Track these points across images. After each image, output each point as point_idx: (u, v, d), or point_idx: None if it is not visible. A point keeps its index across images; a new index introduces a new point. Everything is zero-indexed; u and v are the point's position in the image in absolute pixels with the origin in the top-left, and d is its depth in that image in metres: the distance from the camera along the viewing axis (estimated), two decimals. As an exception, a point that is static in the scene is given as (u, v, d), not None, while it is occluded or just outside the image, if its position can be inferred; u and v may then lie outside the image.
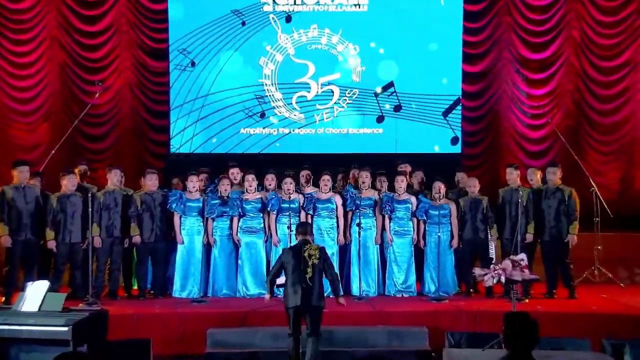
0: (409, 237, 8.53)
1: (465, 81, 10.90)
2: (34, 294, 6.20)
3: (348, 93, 10.85)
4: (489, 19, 11.00)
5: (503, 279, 6.73)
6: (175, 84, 10.82)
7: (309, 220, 8.32)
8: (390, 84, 10.76)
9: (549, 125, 10.77)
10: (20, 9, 10.80)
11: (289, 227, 8.13)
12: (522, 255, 6.96)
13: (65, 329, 5.81)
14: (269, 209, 8.48)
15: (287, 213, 8.28)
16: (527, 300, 7.97)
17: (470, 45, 10.93)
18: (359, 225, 8.32)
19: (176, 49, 10.74)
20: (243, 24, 10.75)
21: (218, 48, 10.80)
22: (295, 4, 10.79)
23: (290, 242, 7.74)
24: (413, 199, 8.58)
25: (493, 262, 7.91)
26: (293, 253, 6.41)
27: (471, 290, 8.55)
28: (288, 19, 10.74)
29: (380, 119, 10.80)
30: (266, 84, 10.85)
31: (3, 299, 7.89)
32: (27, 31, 10.84)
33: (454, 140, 10.80)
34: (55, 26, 10.89)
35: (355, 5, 10.81)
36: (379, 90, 10.70)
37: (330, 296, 8.00)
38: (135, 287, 8.71)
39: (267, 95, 10.83)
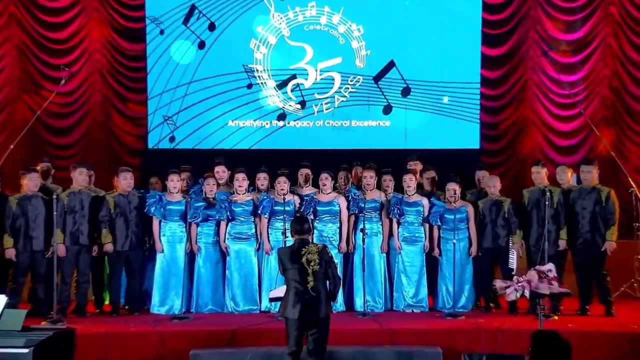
0: (420, 244, 8.52)
1: (484, 66, 10.88)
2: (-10, 310, 6.17)
3: (351, 80, 10.84)
4: (513, -7, 10.99)
5: (528, 293, 6.70)
6: (154, 69, 10.82)
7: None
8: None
9: (582, 117, 10.75)
10: (-31, -19, 10.79)
11: (284, 233, 8.12)
12: (550, 265, 6.92)
13: (26, 350, 5.79)
14: (260, 212, 8.47)
15: (281, 217, 8.26)
16: (556, 317, 7.96)
17: (490, 24, 10.90)
18: (362, 231, 8.30)
19: (154, 28, 10.76)
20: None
21: (203, 28, 10.78)
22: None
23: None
24: (425, 201, 8.56)
25: (513, 273, 7.91)
26: (290, 257, 6.23)
27: (491, 305, 8.54)
28: (201, 45, 10.71)
29: (387, 110, 10.78)
30: (257, 70, 10.83)
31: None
32: (-23, 7, 10.83)
33: (387, 110, 10.77)
34: (13, 1, 10.85)
35: (358, -21, 10.82)
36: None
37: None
38: (107, 302, 8.69)
39: (258, 83, 10.82)
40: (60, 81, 10.24)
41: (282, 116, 10.80)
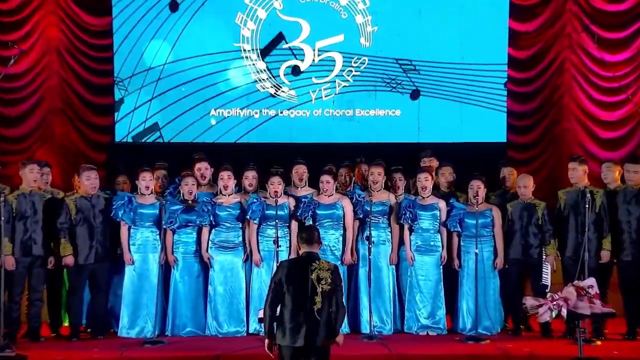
0: (436, 254, 8.52)
1: (513, 44, 10.88)
2: None
3: (355, 62, 10.84)
4: (547, -43, 10.98)
5: (565, 313, 6.69)
6: (122, 47, 10.80)
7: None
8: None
9: (630, 103, 10.75)
10: None
11: (276, 242, 8.12)
12: (591, 281, 6.92)
13: (-31, 382, 5.78)
14: (249, 216, 8.46)
15: (273, 222, 8.26)
16: (598, 342, 7.90)
17: (520, -5, 10.93)
18: (368, 239, 8.29)
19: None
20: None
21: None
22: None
23: (278, 261, 7.67)
24: (442, 204, 8.56)
25: (547, 290, 7.89)
26: (295, 272, 6.03)
27: (521, 327, 8.54)
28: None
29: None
30: (245, 50, 10.82)
31: None
32: None
33: (276, 88, 10.84)
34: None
35: (364, -60, 10.82)
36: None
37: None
38: (66, 324, 8.67)
39: (246, 65, 10.80)
40: (9, 61, 10.21)
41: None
